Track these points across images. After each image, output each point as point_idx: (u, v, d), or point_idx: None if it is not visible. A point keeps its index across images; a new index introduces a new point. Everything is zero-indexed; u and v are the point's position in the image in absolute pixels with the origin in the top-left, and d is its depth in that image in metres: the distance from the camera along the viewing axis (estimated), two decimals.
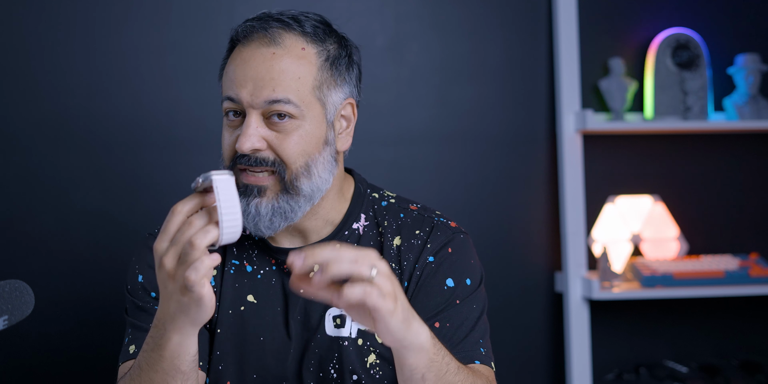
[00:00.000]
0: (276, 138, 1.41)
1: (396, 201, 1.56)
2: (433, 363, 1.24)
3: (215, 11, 2.46)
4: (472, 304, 1.48)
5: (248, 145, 1.39)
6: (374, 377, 1.47)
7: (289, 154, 1.41)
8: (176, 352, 1.24)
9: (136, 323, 1.47)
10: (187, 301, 1.19)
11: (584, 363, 2.51)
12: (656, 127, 2.55)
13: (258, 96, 1.39)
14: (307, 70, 1.42)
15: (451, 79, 2.56)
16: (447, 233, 1.51)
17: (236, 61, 1.43)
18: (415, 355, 1.22)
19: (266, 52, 1.41)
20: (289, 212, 1.43)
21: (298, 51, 1.42)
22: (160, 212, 2.36)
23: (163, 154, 2.43)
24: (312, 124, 1.43)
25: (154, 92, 2.43)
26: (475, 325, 1.47)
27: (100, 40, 2.41)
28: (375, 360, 1.48)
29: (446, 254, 1.49)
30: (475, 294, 1.49)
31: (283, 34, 1.42)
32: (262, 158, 1.41)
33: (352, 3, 2.52)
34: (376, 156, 2.52)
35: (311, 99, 1.42)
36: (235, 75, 1.42)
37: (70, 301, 2.37)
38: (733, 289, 2.48)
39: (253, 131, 1.40)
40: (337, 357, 1.47)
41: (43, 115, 2.39)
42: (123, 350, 1.47)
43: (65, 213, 2.38)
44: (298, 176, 1.42)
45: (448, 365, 1.27)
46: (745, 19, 2.71)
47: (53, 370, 2.36)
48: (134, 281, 1.51)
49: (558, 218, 2.58)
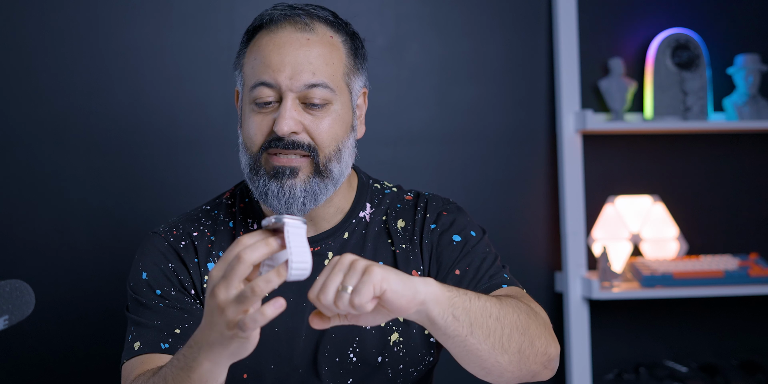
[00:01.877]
0: (312, 122, 1.43)
1: (397, 191, 1.62)
2: (453, 300, 1.23)
3: (216, 11, 2.47)
4: (485, 248, 1.55)
5: (287, 128, 1.41)
6: (398, 355, 1.50)
7: (324, 137, 1.44)
8: (205, 378, 1.22)
9: (139, 320, 1.46)
10: (230, 336, 1.16)
11: (584, 363, 2.51)
12: (656, 127, 2.55)
13: (298, 80, 1.41)
14: (338, 57, 1.46)
15: (451, 79, 2.57)
16: (439, 202, 1.59)
17: (269, 46, 1.44)
18: (435, 303, 1.21)
19: (301, 37, 1.44)
20: (318, 195, 1.45)
21: (328, 39, 1.46)
22: (161, 212, 2.39)
23: (163, 153, 2.43)
24: (343, 109, 1.46)
25: (155, 92, 2.43)
26: (494, 263, 1.53)
27: (101, 40, 2.41)
28: (398, 338, 1.50)
29: (444, 218, 1.55)
30: (483, 241, 1.55)
31: (313, 22, 1.46)
32: (297, 141, 1.43)
33: (352, 3, 2.52)
34: (376, 156, 2.52)
35: (342, 84, 1.46)
36: (269, 59, 1.43)
37: (70, 300, 2.37)
38: (733, 289, 2.48)
39: (292, 114, 1.41)
40: (359, 341, 1.49)
41: (43, 115, 2.39)
42: (126, 348, 1.46)
43: (65, 213, 2.39)
44: (330, 159, 1.45)
45: (467, 295, 1.27)
46: (745, 19, 2.71)
47: (53, 370, 2.37)
48: (138, 278, 1.50)
49: (558, 218, 2.59)
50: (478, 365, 1.30)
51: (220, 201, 1.59)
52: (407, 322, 1.50)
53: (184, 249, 1.51)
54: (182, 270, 1.50)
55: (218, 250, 1.52)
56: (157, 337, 1.44)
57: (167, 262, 1.50)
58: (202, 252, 1.51)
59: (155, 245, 1.52)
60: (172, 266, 1.50)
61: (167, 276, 1.49)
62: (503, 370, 1.31)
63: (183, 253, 1.51)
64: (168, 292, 1.48)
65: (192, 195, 2.40)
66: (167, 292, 1.48)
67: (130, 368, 1.43)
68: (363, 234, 1.55)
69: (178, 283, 1.49)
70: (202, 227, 1.54)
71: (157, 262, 1.50)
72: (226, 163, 2.42)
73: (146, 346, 1.43)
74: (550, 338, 1.37)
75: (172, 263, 1.50)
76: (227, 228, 1.54)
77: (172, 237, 1.53)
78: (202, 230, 1.54)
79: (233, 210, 1.56)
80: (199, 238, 1.53)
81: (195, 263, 1.51)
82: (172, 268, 1.50)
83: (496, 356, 1.28)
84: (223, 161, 2.43)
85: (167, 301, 1.47)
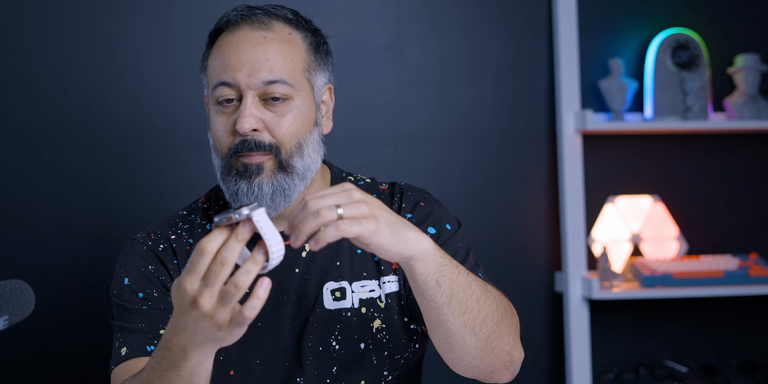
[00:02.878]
0: (272, 119, 1.45)
1: (372, 182, 1.62)
2: (442, 267, 1.26)
3: (216, 11, 2.46)
4: (457, 242, 1.54)
5: (247, 126, 1.43)
6: (381, 341, 1.50)
7: (284, 133, 1.45)
8: (196, 371, 1.23)
9: (125, 325, 1.47)
10: (223, 335, 1.16)
11: (584, 363, 2.51)
12: (656, 127, 2.55)
13: (255, 77, 1.43)
14: (297, 53, 1.48)
15: (451, 79, 2.57)
16: (415, 193, 1.59)
17: (227, 46, 1.47)
18: (422, 263, 1.24)
19: (258, 35, 1.46)
20: (287, 190, 1.46)
21: (286, 36, 1.48)
22: (161, 212, 2.38)
23: (163, 153, 2.43)
24: (304, 104, 1.47)
25: (155, 92, 2.43)
26: (467, 258, 1.52)
27: (101, 40, 2.41)
28: (381, 325, 1.51)
29: (420, 208, 1.56)
30: (456, 235, 1.55)
31: (271, 20, 1.48)
32: (259, 141, 1.44)
33: (352, 3, 2.52)
34: (376, 156, 2.52)
35: (302, 80, 1.48)
36: (228, 59, 1.45)
37: (70, 301, 2.37)
38: (733, 289, 2.48)
39: (252, 111, 1.43)
40: (340, 328, 1.49)
41: (43, 115, 2.39)
42: (114, 354, 1.47)
43: (65, 213, 2.38)
44: (291, 155, 1.46)
45: (458, 268, 1.29)
46: (745, 19, 2.71)
47: (53, 370, 2.37)
48: (120, 285, 1.51)
49: (558, 218, 2.59)
50: (444, 338, 1.33)
51: (196, 205, 1.61)
52: (388, 309, 1.51)
53: (162, 251, 1.53)
54: (162, 271, 1.51)
55: None
56: (142, 340, 1.45)
57: (147, 264, 1.51)
58: (181, 254, 1.53)
59: (134, 250, 1.54)
60: (152, 268, 1.51)
61: (148, 278, 1.50)
62: (466, 352, 1.33)
63: (162, 255, 1.52)
64: (150, 293, 1.49)
65: (191, 195, 2.39)
66: (149, 293, 1.49)
67: (118, 374, 1.44)
68: None
69: (159, 284, 1.50)
70: (179, 231, 1.56)
71: (137, 266, 1.51)
72: None
73: (133, 351, 1.44)
74: (517, 341, 1.40)
75: (152, 265, 1.52)
76: (204, 231, 1.56)
77: (151, 241, 1.54)
78: (180, 234, 1.55)
79: (209, 213, 1.58)
80: (177, 241, 1.54)
81: (174, 264, 1.52)
82: (153, 270, 1.51)
83: (464, 335, 1.31)
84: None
85: (150, 303, 1.48)
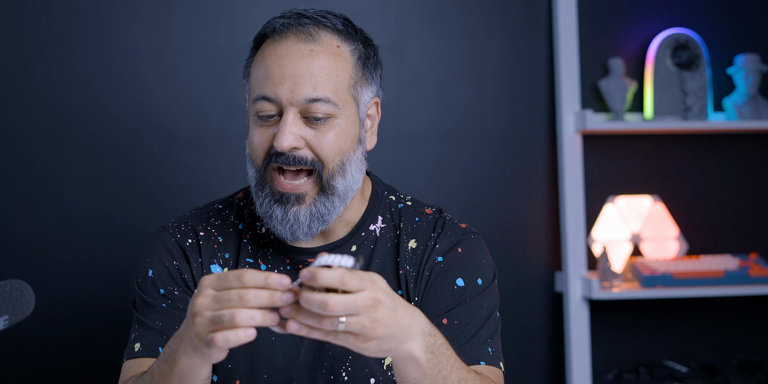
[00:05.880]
0: (314, 136, 1.39)
1: (412, 204, 1.55)
2: (426, 376, 1.22)
3: (216, 11, 2.46)
4: (483, 302, 1.47)
5: (287, 144, 1.37)
6: (391, 379, 1.46)
7: (327, 152, 1.39)
8: (185, 373, 1.22)
9: (143, 320, 1.46)
10: (198, 346, 1.15)
11: (584, 363, 2.51)
12: (656, 127, 2.55)
13: (298, 93, 1.37)
14: (344, 68, 1.41)
15: (451, 79, 2.57)
16: (457, 234, 1.51)
17: (271, 57, 1.40)
18: (406, 366, 1.21)
19: (304, 48, 1.39)
20: (326, 215, 1.42)
21: (334, 48, 1.41)
22: (161, 212, 2.38)
23: (164, 153, 2.43)
24: (348, 122, 1.42)
25: (155, 92, 2.43)
26: (484, 325, 1.46)
27: (101, 40, 2.41)
28: (392, 362, 1.48)
29: (456, 254, 1.49)
30: (485, 292, 1.48)
31: (319, 31, 1.41)
32: (300, 157, 1.39)
33: (352, 3, 2.52)
34: (376, 156, 2.51)
35: (347, 97, 1.42)
36: (271, 72, 1.39)
37: (70, 301, 2.37)
38: (733, 289, 2.48)
39: (292, 129, 1.37)
40: (351, 360, 1.45)
41: (43, 115, 2.39)
42: (128, 347, 1.46)
43: (66, 213, 2.38)
44: (334, 175, 1.40)
45: (446, 378, 1.24)
46: (745, 19, 2.71)
47: (53, 371, 2.37)
48: (144, 275, 1.50)
49: (558, 218, 2.59)
50: None
51: (232, 200, 1.57)
52: None
53: (189, 247, 1.50)
54: (186, 269, 1.49)
55: (224, 252, 1.51)
56: (156, 340, 1.44)
57: (173, 260, 1.49)
58: (207, 253, 1.50)
59: (163, 241, 1.51)
60: (176, 264, 1.49)
61: (171, 275, 1.49)
62: None
63: (188, 250, 1.50)
64: (171, 291, 1.48)
65: (191, 195, 2.40)
66: (170, 291, 1.48)
67: (127, 369, 1.44)
68: (371, 249, 1.50)
69: (181, 282, 1.49)
70: (209, 227, 1.53)
71: (163, 259, 1.49)
72: (226, 164, 2.43)
73: (146, 349, 1.43)
74: None
75: (177, 261, 1.49)
76: (236, 230, 1.53)
77: (180, 233, 1.51)
78: (210, 230, 1.52)
79: (244, 212, 1.54)
80: (206, 238, 1.51)
81: (198, 263, 1.50)
82: (177, 267, 1.49)
83: None
84: (223, 162, 2.43)
85: (170, 302, 1.47)
